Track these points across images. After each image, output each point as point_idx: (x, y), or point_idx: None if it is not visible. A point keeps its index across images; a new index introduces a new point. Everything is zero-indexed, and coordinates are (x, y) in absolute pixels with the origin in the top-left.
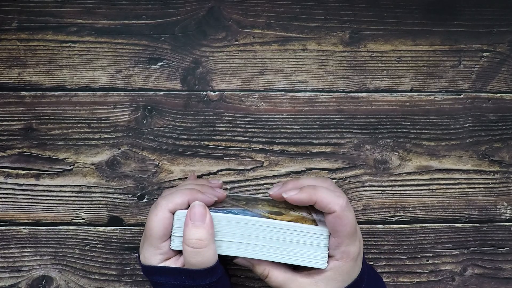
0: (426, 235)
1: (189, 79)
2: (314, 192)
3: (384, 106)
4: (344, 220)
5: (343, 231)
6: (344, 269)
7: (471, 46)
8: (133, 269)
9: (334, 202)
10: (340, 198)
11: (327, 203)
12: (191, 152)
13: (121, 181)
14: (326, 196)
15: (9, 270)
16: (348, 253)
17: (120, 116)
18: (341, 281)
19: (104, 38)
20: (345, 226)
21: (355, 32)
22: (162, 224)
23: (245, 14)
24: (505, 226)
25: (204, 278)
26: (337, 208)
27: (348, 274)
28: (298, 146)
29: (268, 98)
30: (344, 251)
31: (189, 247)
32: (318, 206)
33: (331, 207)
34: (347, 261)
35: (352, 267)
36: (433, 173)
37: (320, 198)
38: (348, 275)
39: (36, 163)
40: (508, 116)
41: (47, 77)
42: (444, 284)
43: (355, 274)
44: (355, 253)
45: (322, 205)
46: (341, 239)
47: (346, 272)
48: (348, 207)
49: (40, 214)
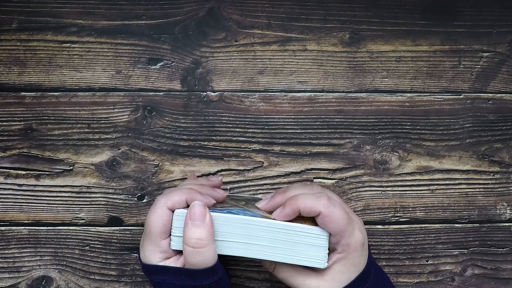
0: (426, 235)
1: (189, 80)
2: (295, 202)
3: (384, 107)
4: (332, 217)
5: (336, 227)
6: (349, 260)
7: (471, 47)
8: (133, 270)
9: (316, 204)
10: (320, 198)
11: (309, 208)
12: (191, 153)
13: (121, 182)
14: (307, 202)
15: (9, 271)
16: (349, 245)
17: (120, 116)
18: (347, 272)
19: (104, 38)
20: (335, 222)
21: (355, 33)
22: (161, 220)
23: (245, 15)
24: (505, 227)
25: (204, 278)
26: (321, 208)
27: (354, 264)
28: (298, 147)
29: (268, 99)
30: (344, 243)
31: (189, 247)
32: (304, 214)
33: (315, 209)
34: (349, 252)
35: (357, 257)
36: (433, 173)
37: (301, 206)
38: (354, 266)
39: (36, 164)
40: (508, 116)
41: (47, 78)
42: (444, 284)
43: (361, 265)
44: (357, 243)
45: (306, 211)
46: (337, 235)
47: (351, 263)
48: (331, 203)
49: (40, 215)
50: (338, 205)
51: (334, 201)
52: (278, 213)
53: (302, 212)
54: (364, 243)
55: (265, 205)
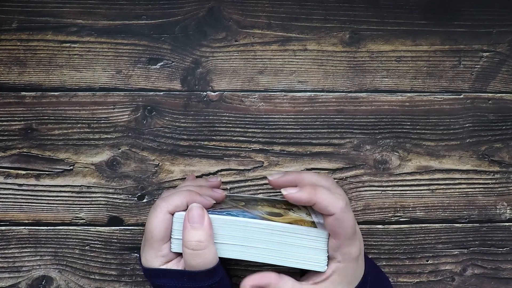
0: (426, 235)
1: (189, 79)
2: (314, 193)
3: (384, 106)
4: (343, 222)
5: (343, 233)
6: (348, 270)
7: (471, 46)
8: (133, 269)
9: (334, 204)
10: (339, 200)
11: (326, 205)
12: (191, 152)
13: (121, 181)
14: (326, 198)
15: (9, 270)
16: (350, 254)
17: (120, 116)
18: (346, 283)
19: (104, 38)
20: (345, 228)
21: (355, 32)
22: (162, 225)
23: (245, 14)
24: (505, 226)
25: (205, 279)
26: (337, 210)
27: (353, 275)
28: (298, 146)
29: (268, 98)
30: (345, 252)
31: (189, 249)
32: (317, 208)
33: (330, 209)
34: (349, 262)
35: (355, 267)
36: (433, 173)
37: (319, 200)
38: (353, 276)
39: (36, 163)
40: (508, 116)
41: (47, 77)
42: (444, 284)
43: (358, 275)
44: (356, 254)
45: (321, 206)
46: (341, 241)
47: (351, 273)
48: (347, 209)
49: (40, 214)
50: (351, 212)
51: (350, 207)
52: (292, 192)
53: (316, 205)
54: (361, 255)
55: (276, 179)
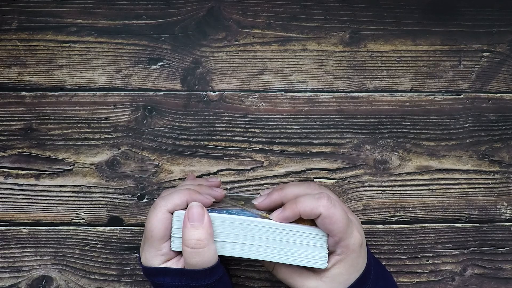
0: (426, 235)
1: (189, 79)
2: (295, 206)
3: (384, 106)
4: (332, 218)
5: (336, 228)
6: (348, 261)
7: (471, 46)
8: (133, 269)
9: (316, 205)
10: (321, 199)
11: (310, 210)
12: (191, 152)
13: (121, 181)
14: (308, 204)
15: (9, 270)
16: (348, 246)
17: (120, 116)
18: (346, 274)
19: (104, 38)
20: (336, 223)
21: (355, 32)
22: (162, 224)
23: (245, 14)
24: (505, 226)
25: (205, 278)
26: (321, 209)
27: (353, 266)
28: (298, 146)
29: (268, 98)
30: (343, 245)
31: (189, 247)
32: (305, 217)
33: (315, 211)
34: (348, 254)
35: (356, 258)
36: (433, 173)
37: (302, 209)
38: (354, 267)
39: (36, 163)
40: (508, 116)
41: (47, 77)
42: (444, 284)
43: (360, 266)
44: (356, 244)
45: (307, 214)
46: (337, 236)
47: (350, 264)
48: (332, 204)
49: (40, 214)
50: (338, 206)
51: (334, 201)
52: (277, 214)
53: (302, 215)
54: (362, 244)
55: (261, 202)
